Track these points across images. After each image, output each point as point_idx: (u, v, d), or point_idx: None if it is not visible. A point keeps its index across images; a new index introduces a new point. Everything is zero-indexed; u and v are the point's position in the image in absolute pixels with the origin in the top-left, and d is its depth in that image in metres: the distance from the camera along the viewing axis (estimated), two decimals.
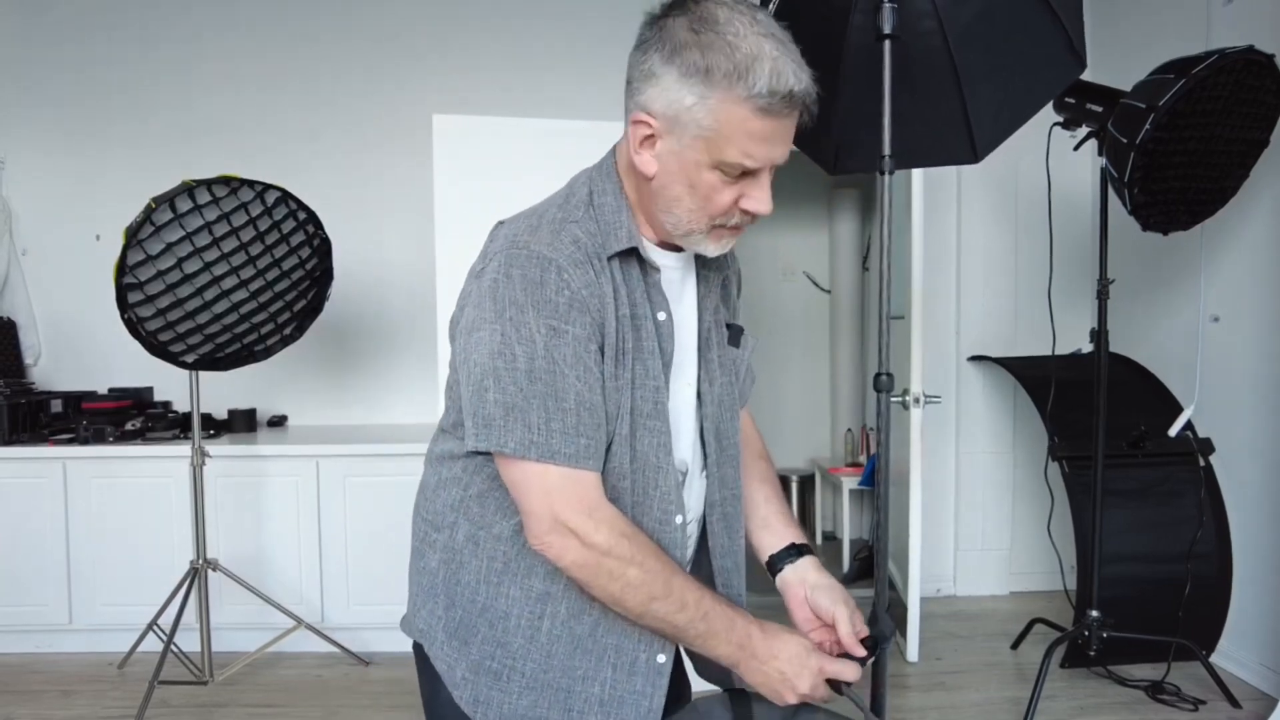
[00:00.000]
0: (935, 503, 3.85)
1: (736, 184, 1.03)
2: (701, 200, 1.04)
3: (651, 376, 1.09)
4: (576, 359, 1.01)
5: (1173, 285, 3.36)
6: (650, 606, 1.03)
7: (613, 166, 1.13)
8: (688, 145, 1.01)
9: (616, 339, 1.05)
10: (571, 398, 1.01)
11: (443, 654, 1.14)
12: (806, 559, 1.24)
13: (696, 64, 0.98)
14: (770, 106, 0.97)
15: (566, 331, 1.01)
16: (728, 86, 0.97)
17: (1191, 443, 3.08)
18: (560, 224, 1.06)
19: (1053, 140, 2.87)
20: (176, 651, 2.86)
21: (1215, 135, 2.58)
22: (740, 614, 1.08)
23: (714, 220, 1.06)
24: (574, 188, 1.13)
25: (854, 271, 4.94)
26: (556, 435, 1.00)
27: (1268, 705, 2.72)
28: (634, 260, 1.10)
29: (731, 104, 0.97)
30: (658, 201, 1.07)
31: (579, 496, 1.01)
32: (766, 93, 0.96)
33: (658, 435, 1.09)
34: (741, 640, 1.06)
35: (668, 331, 1.12)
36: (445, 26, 3.83)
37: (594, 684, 1.10)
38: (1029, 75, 1.53)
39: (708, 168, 1.02)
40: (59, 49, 3.73)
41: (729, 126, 0.99)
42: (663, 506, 1.11)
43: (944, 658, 3.23)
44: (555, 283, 1.01)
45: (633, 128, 1.04)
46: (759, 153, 1.01)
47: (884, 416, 1.53)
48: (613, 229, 1.08)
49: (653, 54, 1.01)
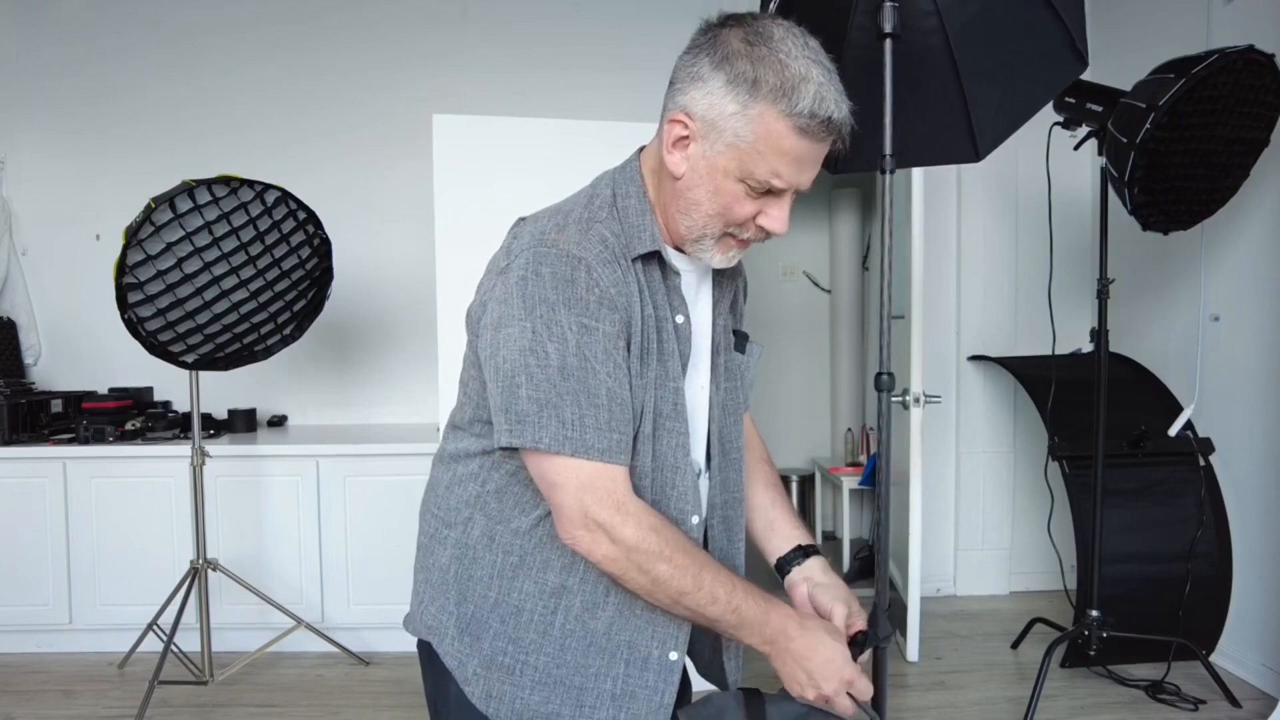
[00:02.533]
0: (935, 503, 3.85)
1: (758, 200, 1.06)
2: (721, 208, 1.06)
3: (672, 378, 1.11)
4: (607, 355, 1.03)
5: (1173, 285, 3.36)
6: (681, 600, 1.04)
7: (637, 169, 1.15)
8: (720, 152, 1.03)
9: (642, 338, 1.07)
10: (603, 393, 1.02)
11: (453, 650, 1.15)
12: (814, 560, 1.26)
13: (745, 74, 1.00)
14: (809, 128, 1.00)
15: (597, 329, 1.02)
16: (772, 101, 0.99)
17: (1191, 442, 3.08)
18: (587, 223, 1.07)
19: (1053, 140, 2.87)
20: (176, 651, 2.86)
21: (1215, 135, 2.58)
22: (775, 607, 1.09)
23: (728, 227, 1.08)
24: (597, 188, 1.15)
25: (854, 271, 4.94)
26: (590, 431, 1.01)
27: (1268, 705, 2.72)
28: (655, 263, 1.11)
29: (772, 119, 1.00)
30: (679, 202, 1.09)
31: (609, 491, 1.02)
32: (808, 114, 0.99)
33: (677, 436, 1.11)
34: (774, 636, 1.07)
35: (685, 334, 1.13)
36: (445, 26, 3.83)
37: (606, 679, 1.11)
38: (1030, 74, 1.53)
39: (735, 178, 1.04)
40: (59, 49, 3.73)
41: (765, 141, 1.01)
42: (679, 506, 1.12)
43: (944, 657, 3.23)
44: (585, 281, 1.02)
45: (669, 126, 1.06)
46: (787, 173, 1.03)
47: (884, 416, 1.53)
48: (637, 231, 1.09)
49: (703, 58, 1.04)
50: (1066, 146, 2.96)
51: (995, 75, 1.51)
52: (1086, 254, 3.74)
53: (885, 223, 1.51)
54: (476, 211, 2.76)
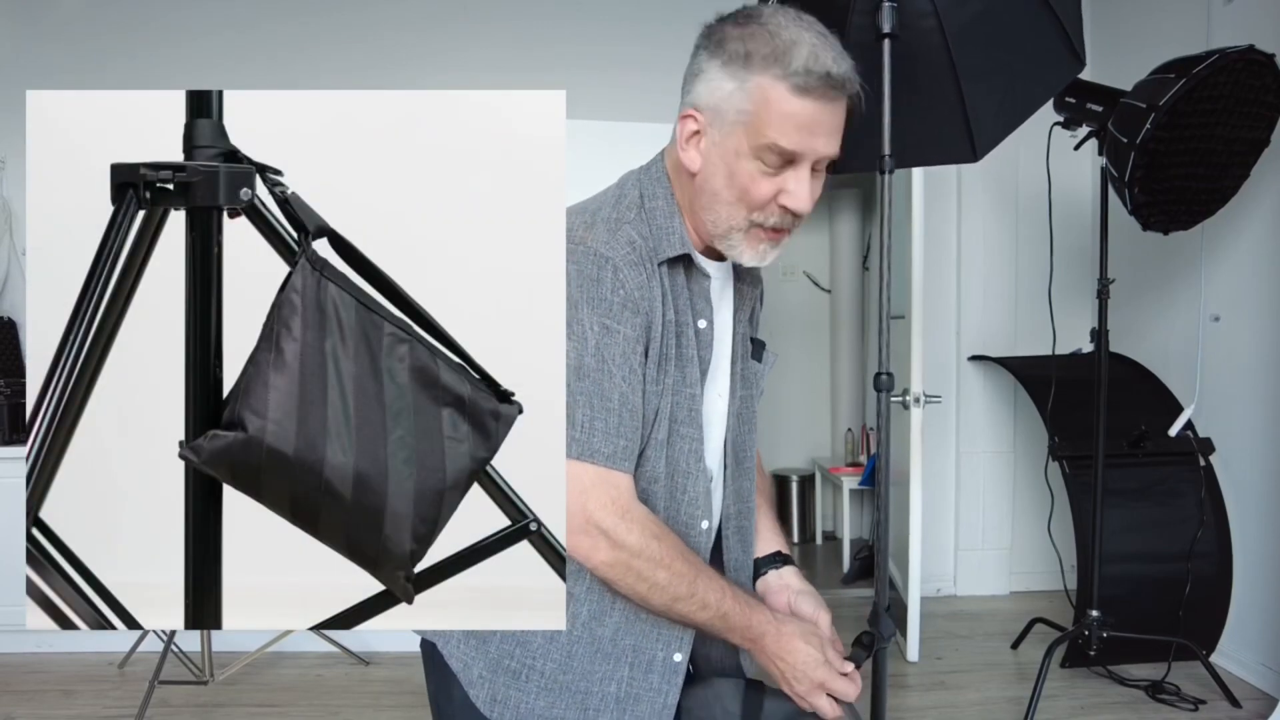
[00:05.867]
0: (935, 503, 3.85)
1: (776, 177, 1.04)
2: (740, 191, 1.05)
3: (689, 384, 1.10)
4: (624, 359, 1.02)
5: (1173, 285, 3.36)
6: (674, 606, 1.05)
7: (662, 170, 1.14)
8: (728, 134, 1.03)
9: (661, 343, 1.07)
10: (616, 398, 1.02)
11: (459, 652, 1.14)
12: (789, 568, 1.29)
13: (737, 52, 1.01)
14: (806, 85, 0.99)
15: (618, 331, 1.02)
16: (764, 68, 0.99)
17: (1191, 443, 3.08)
18: (616, 223, 1.07)
19: (1053, 140, 2.87)
20: (176, 651, 2.86)
21: (1215, 135, 2.57)
22: (758, 613, 1.10)
23: (752, 215, 1.06)
24: (624, 188, 1.14)
25: (854, 271, 4.94)
26: (598, 435, 1.01)
27: (1268, 705, 2.71)
28: (681, 267, 1.11)
29: (768, 85, 0.99)
30: (700, 198, 1.08)
31: (612, 498, 1.02)
32: (803, 70, 0.98)
33: (690, 442, 1.11)
34: (755, 637, 1.09)
35: (707, 340, 1.13)
36: (445, 26, 3.83)
37: (610, 683, 1.11)
38: (1029, 74, 1.53)
39: (748, 156, 1.03)
40: (60, 49, 3.73)
41: (765, 108, 1.00)
42: (690, 511, 1.12)
43: (944, 658, 3.23)
44: (611, 281, 1.02)
45: (680, 124, 1.07)
46: (796, 138, 1.01)
47: (884, 416, 1.52)
48: (665, 234, 1.09)
49: (701, 54, 1.05)
50: (1066, 146, 2.95)
51: (993, 76, 1.51)
52: (1086, 254, 3.74)
53: (885, 223, 1.51)
54: None
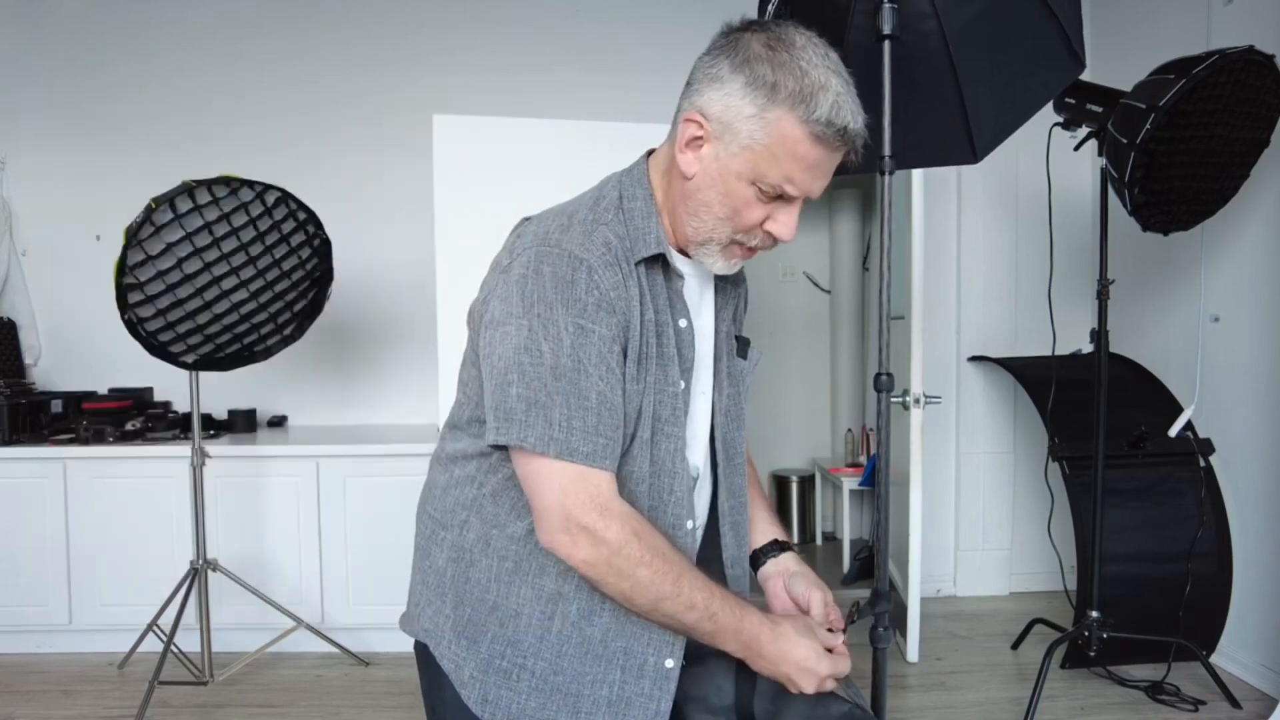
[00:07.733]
0: (935, 503, 3.85)
1: (768, 205, 1.06)
2: (730, 211, 1.06)
3: (671, 383, 1.10)
4: (600, 359, 1.02)
5: (1173, 285, 3.36)
6: (659, 605, 1.04)
7: (644, 172, 1.14)
8: (734, 154, 1.03)
9: (640, 343, 1.07)
10: (594, 397, 1.02)
11: (450, 653, 1.15)
12: (788, 554, 1.30)
13: (765, 78, 1.00)
14: (824, 136, 1.00)
15: (593, 331, 1.02)
16: (790, 106, 1.00)
17: (1191, 443, 3.08)
18: (592, 225, 1.07)
19: (1053, 140, 2.87)
20: (176, 652, 2.86)
21: (1215, 135, 2.58)
22: (749, 613, 1.09)
23: (736, 234, 1.08)
24: (603, 190, 1.14)
25: (854, 271, 4.94)
26: (577, 433, 1.01)
27: (1268, 705, 2.72)
28: (659, 267, 1.11)
29: (789, 124, 1.00)
30: (688, 203, 1.09)
31: (592, 495, 1.02)
32: (825, 121, 1.00)
33: (674, 441, 1.11)
34: (749, 641, 1.08)
35: (688, 339, 1.13)
36: (445, 27, 3.83)
37: (602, 686, 1.11)
38: (1028, 75, 1.53)
39: (747, 181, 1.04)
40: (60, 49, 3.73)
41: (781, 146, 1.01)
42: (675, 511, 1.12)
43: (944, 658, 3.23)
44: (585, 282, 1.02)
45: (683, 126, 1.06)
46: (800, 180, 1.04)
47: (884, 416, 1.53)
48: (641, 234, 1.09)
49: (722, 60, 1.04)
50: (1066, 147, 2.96)
51: (993, 77, 1.51)
52: (1086, 254, 3.74)
53: (885, 223, 1.51)
54: (476, 212, 2.77)
